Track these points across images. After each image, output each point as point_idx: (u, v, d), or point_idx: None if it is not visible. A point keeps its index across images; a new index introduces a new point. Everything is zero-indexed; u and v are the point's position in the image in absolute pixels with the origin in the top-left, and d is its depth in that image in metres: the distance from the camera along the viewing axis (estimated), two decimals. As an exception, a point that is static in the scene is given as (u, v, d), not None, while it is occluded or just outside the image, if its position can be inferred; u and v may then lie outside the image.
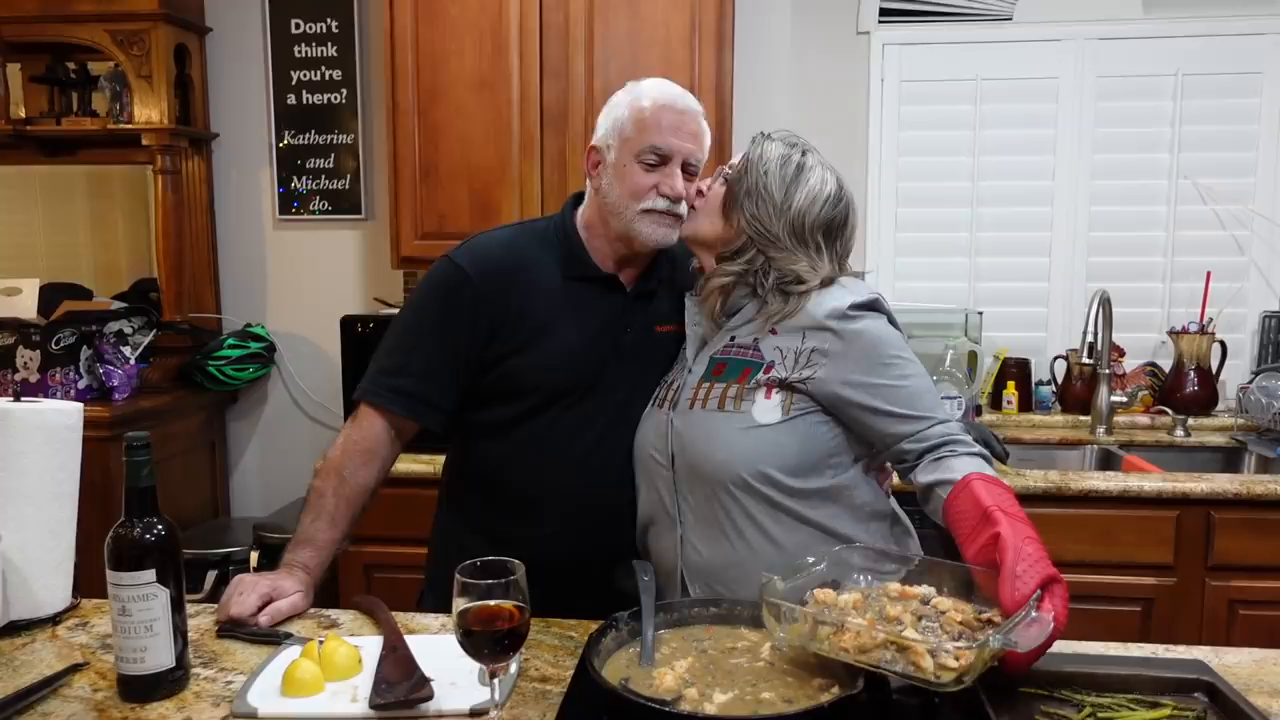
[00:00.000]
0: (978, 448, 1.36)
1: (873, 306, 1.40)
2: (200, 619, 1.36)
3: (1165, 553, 2.19)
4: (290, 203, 3.13)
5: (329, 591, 2.65)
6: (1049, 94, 2.85)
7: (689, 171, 1.48)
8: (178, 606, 1.13)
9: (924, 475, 1.34)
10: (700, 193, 1.49)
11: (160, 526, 1.12)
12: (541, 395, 1.50)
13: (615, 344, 1.52)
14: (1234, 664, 1.22)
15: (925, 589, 1.14)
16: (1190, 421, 2.68)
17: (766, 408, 1.38)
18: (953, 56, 2.88)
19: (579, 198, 1.60)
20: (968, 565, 1.19)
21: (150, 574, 1.10)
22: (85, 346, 2.75)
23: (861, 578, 1.21)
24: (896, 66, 2.90)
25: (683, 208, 1.48)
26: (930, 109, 2.90)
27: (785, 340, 1.40)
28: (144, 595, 1.09)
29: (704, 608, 1.26)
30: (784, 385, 1.38)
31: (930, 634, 1.04)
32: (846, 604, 1.12)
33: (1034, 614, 1.03)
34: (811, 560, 1.23)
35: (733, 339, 1.45)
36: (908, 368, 1.38)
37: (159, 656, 1.11)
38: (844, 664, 1.06)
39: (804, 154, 1.44)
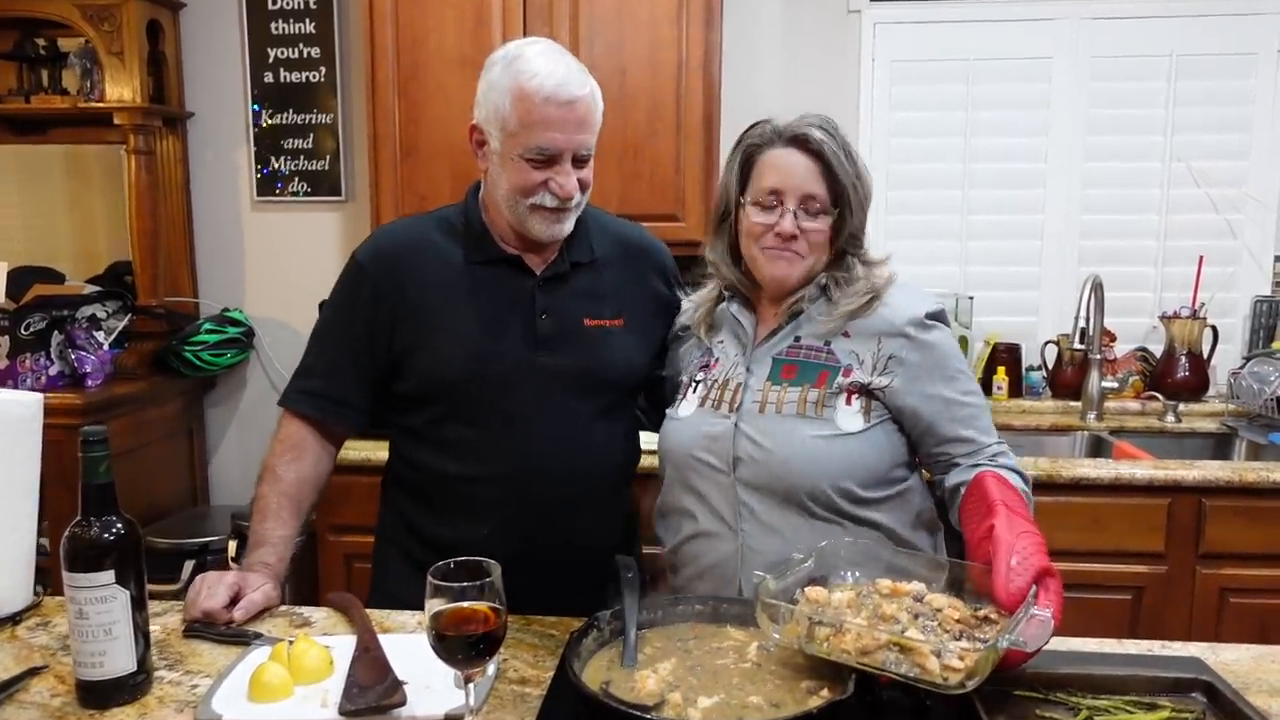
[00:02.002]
0: (1017, 466, 1.34)
1: (942, 316, 1.37)
2: (167, 617, 1.31)
3: (1156, 541, 2.17)
4: (269, 184, 3.05)
5: (309, 583, 2.62)
6: (1042, 74, 2.81)
7: (580, 161, 1.39)
8: (139, 606, 1.09)
9: (953, 479, 1.33)
10: (796, 235, 1.34)
11: (119, 525, 1.07)
12: (453, 390, 1.42)
13: (529, 332, 1.43)
14: (1231, 661, 1.19)
15: (916, 585, 1.11)
16: (1181, 407, 2.66)
17: (849, 414, 1.32)
18: (944, 36, 2.82)
19: None
20: (963, 562, 1.16)
21: (109, 575, 1.05)
22: (56, 332, 2.68)
23: (849, 574, 1.17)
24: (888, 46, 2.84)
25: (576, 200, 1.40)
26: (921, 89, 2.84)
27: (860, 344, 1.35)
28: (102, 597, 1.04)
29: (689, 605, 1.22)
30: (864, 391, 1.33)
31: (930, 634, 1.00)
32: (841, 603, 1.09)
33: (1033, 610, 1.00)
34: (799, 557, 1.19)
35: (798, 339, 1.37)
36: (972, 383, 1.37)
37: (119, 661, 1.06)
38: (832, 665, 1.02)
39: (837, 130, 1.36)
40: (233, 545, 2.60)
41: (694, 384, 1.44)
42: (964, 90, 2.82)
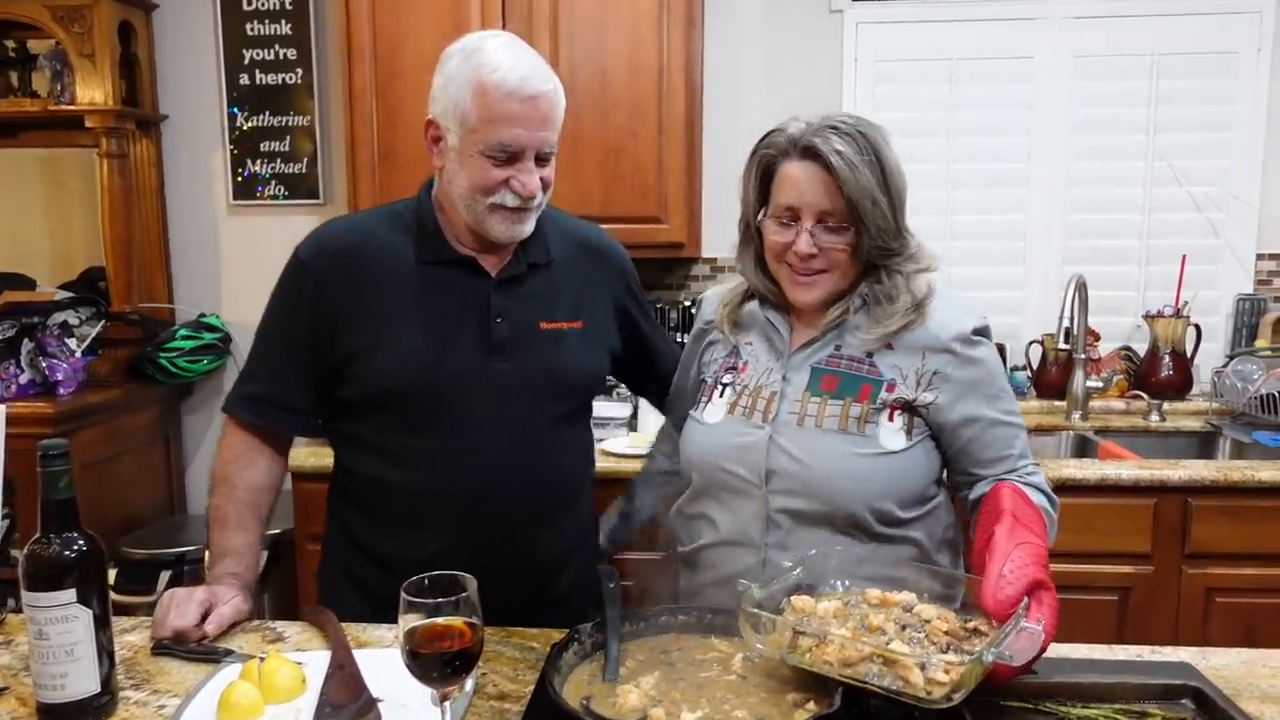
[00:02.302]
0: (1046, 488, 1.31)
1: (987, 332, 1.32)
2: (135, 635, 1.27)
3: (1143, 541, 2.16)
4: (245, 187, 3.01)
5: (288, 595, 2.58)
6: (1025, 74, 2.80)
7: (543, 159, 1.33)
8: (103, 625, 1.05)
9: (976, 491, 1.30)
10: (815, 254, 1.26)
11: (81, 541, 1.03)
12: (403, 399, 1.36)
13: (484, 337, 1.37)
14: (1221, 666, 1.17)
15: (907, 596, 1.08)
16: (1165, 406, 2.66)
17: (891, 432, 1.27)
18: (927, 35, 2.81)
19: None
20: (960, 574, 1.14)
21: (69, 594, 1.01)
22: (26, 339, 2.62)
23: (839, 583, 1.15)
24: (870, 46, 2.83)
25: (538, 200, 1.34)
26: (904, 89, 2.83)
27: (904, 359, 1.29)
28: (63, 617, 1.01)
29: (672, 616, 1.20)
30: (908, 408, 1.28)
31: (917, 645, 0.98)
32: (826, 613, 1.06)
33: (1023, 623, 0.97)
34: (788, 565, 1.17)
35: (838, 348, 1.31)
36: (1013, 403, 1.33)
37: (81, 683, 1.03)
38: (820, 677, 1.00)
39: (860, 132, 1.25)
40: (208, 555, 2.56)
41: (720, 386, 1.37)
42: (947, 90, 2.81)
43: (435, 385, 1.35)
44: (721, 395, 1.36)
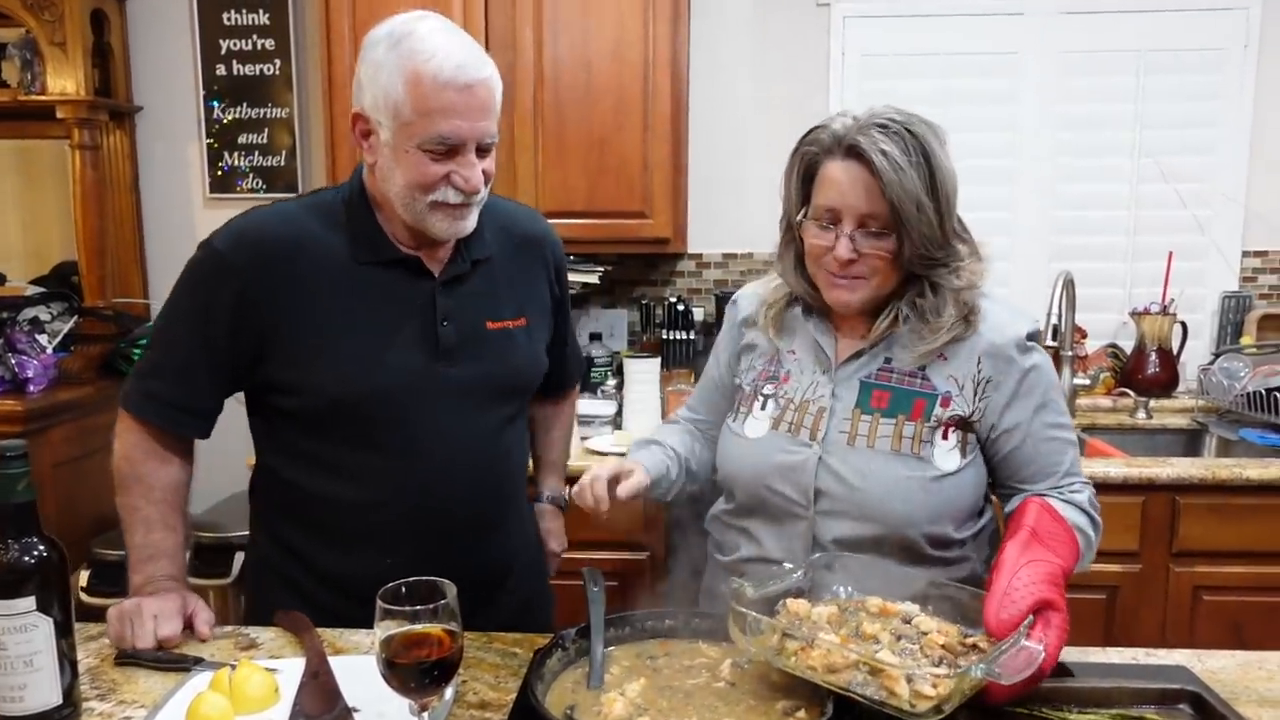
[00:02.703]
0: (1090, 507, 1.27)
1: (1039, 336, 1.27)
2: (100, 643, 1.22)
3: (1131, 540, 2.15)
4: (222, 180, 2.94)
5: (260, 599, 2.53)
6: (1011, 70, 2.78)
7: (483, 150, 1.25)
8: (64, 634, 1.01)
9: (1012, 504, 1.26)
10: (855, 259, 1.19)
11: (42, 547, 0.99)
12: (344, 409, 1.27)
13: (429, 341, 1.29)
14: (1217, 669, 1.15)
15: (908, 606, 1.05)
16: (1152, 404, 2.65)
17: (945, 451, 1.21)
18: (914, 30, 2.78)
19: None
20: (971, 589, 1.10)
21: (29, 602, 0.97)
22: (-5, 335, 2.56)
23: (841, 589, 1.12)
24: (857, 40, 2.80)
25: (481, 194, 1.26)
26: (892, 84, 2.80)
27: (957, 367, 1.23)
28: (22, 626, 0.96)
29: (658, 621, 1.17)
30: (962, 424, 1.22)
31: (908, 657, 0.95)
32: (820, 618, 1.03)
33: (1024, 642, 0.94)
34: (789, 566, 1.14)
35: (888, 361, 1.25)
36: (1065, 415, 1.27)
37: (41, 694, 0.98)
38: (813, 685, 0.97)
39: (910, 131, 1.17)
40: (185, 556, 2.50)
41: (760, 398, 1.30)
42: (934, 85, 2.79)
43: (381, 395, 1.27)
44: (764, 408, 1.30)
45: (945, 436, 1.22)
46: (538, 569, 1.55)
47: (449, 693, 1.05)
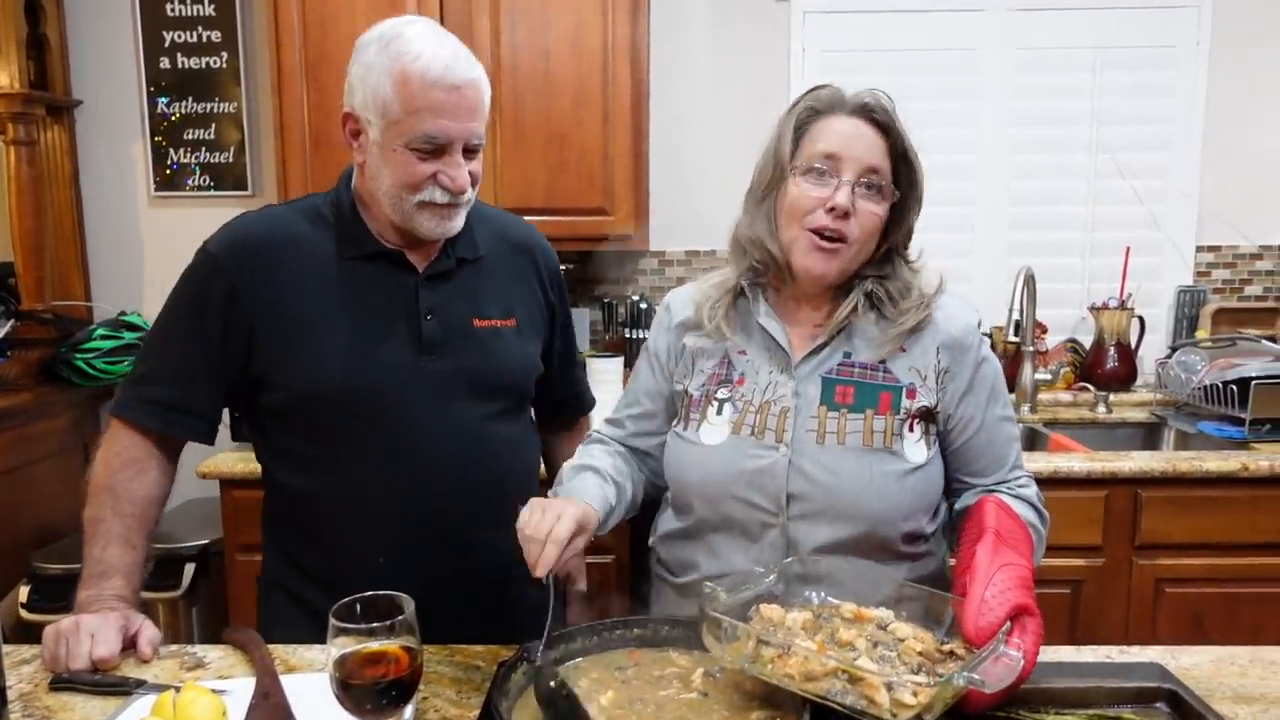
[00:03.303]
0: (1038, 501, 1.26)
1: (980, 327, 1.27)
2: (34, 666, 1.15)
3: (1094, 534, 2.16)
4: (167, 178, 2.84)
5: (217, 612, 2.44)
6: (970, 66, 2.79)
7: (470, 151, 1.26)
8: (-8, 661, 0.94)
9: (962, 502, 1.25)
10: (850, 213, 1.16)
11: (-36, 567, 0.92)
12: (330, 403, 1.27)
13: (413, 335, 1.30)
14: (1191, 666, 1.14)
15: (883, 612, 1.03)
16: (1111, 398, 2.67)
17: (914, 443, 1.19)
18: (874, 26, 2.78)
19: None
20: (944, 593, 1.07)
21: (-49, 626, 0.90)
22: (-74, 340, 2.44)
23: (814, 594, 1.09)
24: (818, 35, 2.79)
25: (468, 195, 1.27)
26: (852, 80, 2.74)
27: (918, 358, 1.21)
28: (-58, 653, 0.89)
29: (626, 629, 1.13)
30: (926, 415, 1.20)
31: (887, 664, 0.92)
32: (795, 624, 1.00)
33: (1002, 649, 0.92)
34: (761, 570, 1.11)
35: (848, 355, 1.22)
36: (1010, 408, 1.27)
37: (-34, 725, 0.91)
38: (787, 693, 0.93)
39: (896, 108, 1.21)
40: (84, 571, 2.40)
41: (715, 403, 1.24)
42: (893, 81, 2.75)
43: (365, 387, 1.27)
44: (719, 412, 1.23)
45: (912, 429, 1.20)
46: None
47: (408, 711, 1.00)
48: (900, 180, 1.20)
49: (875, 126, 1.18)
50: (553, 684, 0.96)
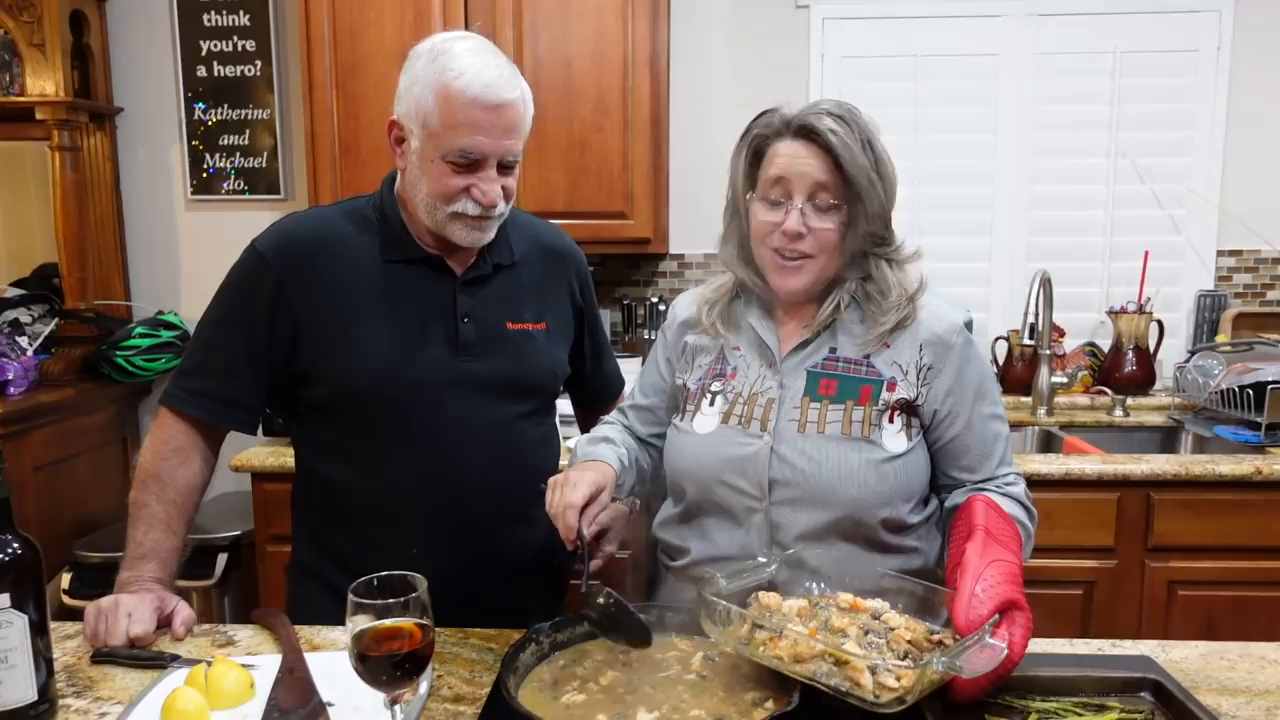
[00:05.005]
0: (1026, 499, 1.29)
1: (972, 326, 1.30)
2: (77, 641, 1.23)
3: (1106, 535, 2.18)
4: (204, 182, 2.94)
5: (248, 598, 2.53)
6: (989, 71, 2.81)
7: (505, 168, 1.31)
8: (40, 631, 1.01)
9: (952, 500, 1.28)
10: (804, 233, 1.21)
11: (16, 544, 0.99)
12: (371, 399, 1.33)
13: (451, 337, 1.36)
14: (1180, 659, 1.17)
15: (877, 603, 1.07)
16: (1129, 401, 2.68)
17: (892, 434, 1.23)
18: (893, 31, 2.81)
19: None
20: (939, 587, 1.11)
21: (4, 599, 0.97)
22: (-25, 338, 2.55)
23: (814, 584, 1.13)
24: (836, 41, 2.83)
25: (499, 209, 1.32)
26: (871, 85, 2.83)
27: (901, 354, 1.25)
28: (-4, 623, 0.97)
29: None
30: (907, 407, 1.25)
31: (874, 650, 0.96)
32: (790, 610, 1.05)
33: (988, 639, 0.96)
34: (762, 560, 1.16)
35: (833, 350, 1.27)
36: (1000, 405, 1.30)
37: (17, 690, 0.99)
38: (782, 676, 0.98)
39: (854, 118, 1.22)
40: (126, 553, 2.49)
41: (709, 395, 1.31)
42: (912, 86, 2.82)
43: (404, 385, 1.33)
44: (712, 404, 1.30)
45: (891, 420, 1.24)
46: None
47: (423, 687, 1.07)
48: (849, 192, 1.21)
49: (816, 145, 1.21)
50: (600, 600, 1.08)
